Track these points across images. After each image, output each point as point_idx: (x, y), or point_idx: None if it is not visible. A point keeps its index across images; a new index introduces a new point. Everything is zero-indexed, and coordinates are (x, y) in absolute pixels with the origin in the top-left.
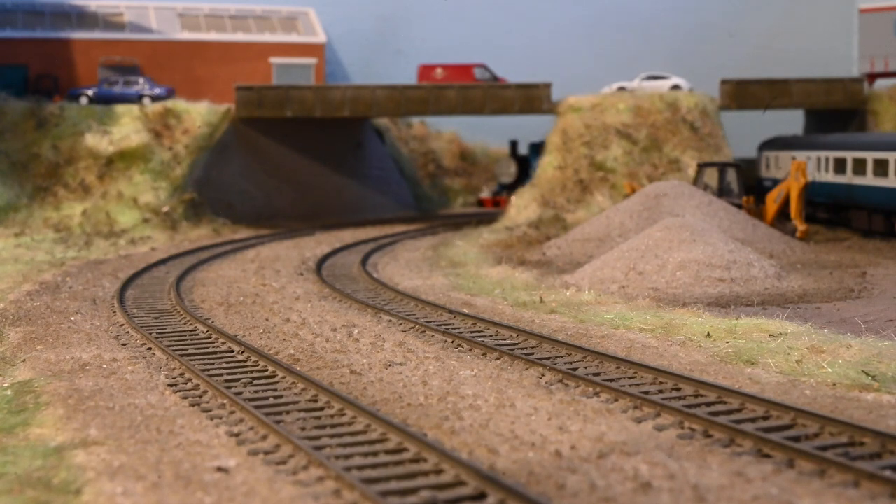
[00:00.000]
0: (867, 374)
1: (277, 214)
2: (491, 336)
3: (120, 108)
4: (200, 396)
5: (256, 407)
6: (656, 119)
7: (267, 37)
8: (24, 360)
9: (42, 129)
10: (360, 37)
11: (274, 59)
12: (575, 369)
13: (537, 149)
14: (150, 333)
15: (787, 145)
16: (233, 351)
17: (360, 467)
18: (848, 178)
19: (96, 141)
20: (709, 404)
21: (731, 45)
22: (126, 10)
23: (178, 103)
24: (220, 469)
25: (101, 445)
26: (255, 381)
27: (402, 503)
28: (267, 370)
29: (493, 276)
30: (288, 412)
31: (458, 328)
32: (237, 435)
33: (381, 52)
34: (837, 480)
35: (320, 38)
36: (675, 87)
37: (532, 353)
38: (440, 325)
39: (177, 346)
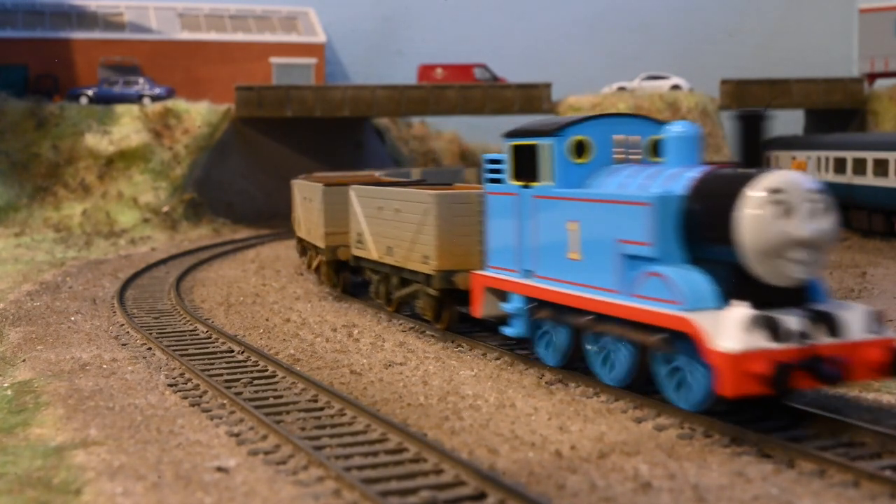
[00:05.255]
0: None
1: (277, 214)
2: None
3: (120, 108)
4: (200, 396)
5: (256, 407)
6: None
7: (267, 37)
8: (24, 360)
9: (42, 129)
10: (360, 37)
11: (274, 59)
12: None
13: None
14: (150, 333)
15: (787, 145)
16: (233, 351)
17: (361, 467)
18: (848, 178)
19: (96, 141)
20: None
21: (731, 45)
22: (126, 10)
23: (178, 103)
24: (220, 469)
25: (101, 445)
26: (256, 381)
27: (403, 503)
28: (267, 370)
29: None
30: (288, 412)
31: (458, 328)
32: (237, 435)
33: (381, 52)
34: (837, 480)
35: (320, 38)
36: (675, 87)
37: (532, 353)
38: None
39: (177, 346)
